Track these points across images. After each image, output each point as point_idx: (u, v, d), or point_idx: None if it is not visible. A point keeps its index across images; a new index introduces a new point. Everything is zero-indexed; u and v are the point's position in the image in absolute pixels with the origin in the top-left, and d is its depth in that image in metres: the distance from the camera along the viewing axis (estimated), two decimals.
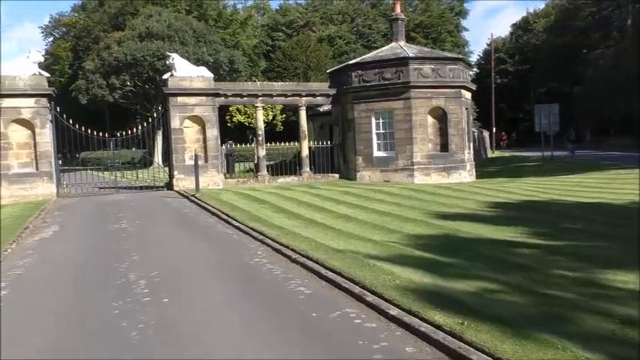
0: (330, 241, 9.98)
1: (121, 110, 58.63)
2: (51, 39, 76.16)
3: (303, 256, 8.75)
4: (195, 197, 18.56)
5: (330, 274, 7.53)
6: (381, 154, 24.99)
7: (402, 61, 24.27)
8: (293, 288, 7.34)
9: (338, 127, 26.75)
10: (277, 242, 9.97)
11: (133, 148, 51.44)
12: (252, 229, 11.52)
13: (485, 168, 34.38)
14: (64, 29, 74.13)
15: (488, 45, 76.34)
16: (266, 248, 9.92)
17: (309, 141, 26.51)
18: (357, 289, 6.73)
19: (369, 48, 63.34)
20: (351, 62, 26.52)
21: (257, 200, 17.35)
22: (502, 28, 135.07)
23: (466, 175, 25.25)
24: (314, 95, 25.87)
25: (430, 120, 24.58)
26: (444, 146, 24.75)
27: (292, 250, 9.26)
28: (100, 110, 60.76)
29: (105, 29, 58.99)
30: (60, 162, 29.88)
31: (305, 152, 25.81)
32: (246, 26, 73.24)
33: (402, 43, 26.81)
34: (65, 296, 7.52)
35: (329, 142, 26.78)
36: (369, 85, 24.73)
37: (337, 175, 26.13)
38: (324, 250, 9.11)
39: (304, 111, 26.04)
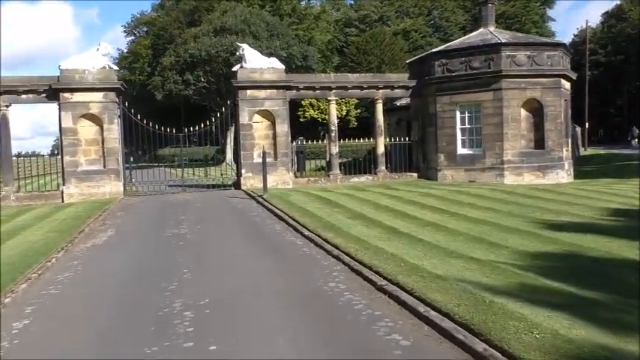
0: (423, 260, 8.00)
1: (197, 107, 58.77)
2: (132, 38, 77.94)
3: (392, 282, 6.82)
4: (263, 198, 17.05)
5: (433, 315, 5.56)
6: (466, 151, 22.56)
7: (493, 48, 21.72)
8: (383, 335, 5.41)
9: (417, 122, 24.53)
10: (357, 260, 8.09)
11: (207, 145, 51.50)
12: (325, 240, 9.71)
13: (580, 167, 30.94)
14: (144, 28, 75.56)
15: (576, 36, 71.02)
16: (343, 267, 8.05)
17: (384, 137, 24.42)
18: (480, 347, 4.72)
19: (445, 41, 60.17)
20: (434, 50, 24.22)
21: (329, 203, 15.58)
22: (592, 18, 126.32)
23: (564, 175, 22.35)
24: (392, 87, 23.78)
25: (524, 113, 21.89)
26: (539, 143, 21.96)
27: (376, 272, 7.35)
28: (176, 107, 61.33)
29: (180, 26, 59.39)
30: (131, 158, 29.59)
31: (381, 149, 23.79)
32: (320, 21, 71.96)
33: (492, 28, 24.17)
34: (90, 335, 5.93)
35: (407, 139, 24.59)
36: (454, 75, 22.36)
37: (415, 175, 23.93)
38: (418, 273, 7.15)
39: (381, 105, 24.01)
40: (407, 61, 26.90)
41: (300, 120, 51.65)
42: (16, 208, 18.75)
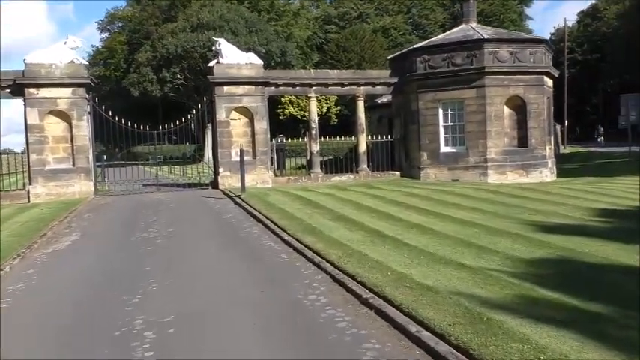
0: (411, 268, 7.41)
1: (175, 104, 57.62)
2: (107, 34, 76.15)
3: (378, 295, 6.20)
4: (241, 198, 16.34)
5: (426, 335, 4.93)
6: (450, 149, 22.10)
7: (476, 44, 21.28)
8: (371, 358, 4.80)
9: (399, 120, 24.02)
10: (339, 269, 7.46)
11: (186, 143, 50.41)
12: (305, 246, 9.06)
13: (562, 165, 30.77)
14: (119, 23, 73.86)
15: (552, 35, 71.41)
16: (324, 277, 7.41)
17: (366, 135, 23.85)
18: None
19: (425, 39, 59.83)
20: (416, 46, 23.71)
21: (310, 203, 14.94)
22: (568, 17, 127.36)
23: (547, 174, 22.05)
24: (373, 84, 23.21)
25: (507, 111, 21.51)
26: (522, 141, 21.61)
27: (361, 282, 6.73)
28: (154, 104, 60.06)
29: (157, 22, 58.16)
30: (104, 157, 28.62)
31: (362, 148, 23.22)
32: (299, 18, 71.23)
33: (474, 24, 23.75)
34: None
35: (389, 137, 24.06)
36: (437, 71, 21.88)
37: (398, 174, 23.42)
38: (406, 284, 6.55)
39: (362, 102, 23.43)
40: (388, 58, 26.39)
41: (280, 117, 50.87)
42: None
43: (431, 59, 22.05)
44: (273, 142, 25.29)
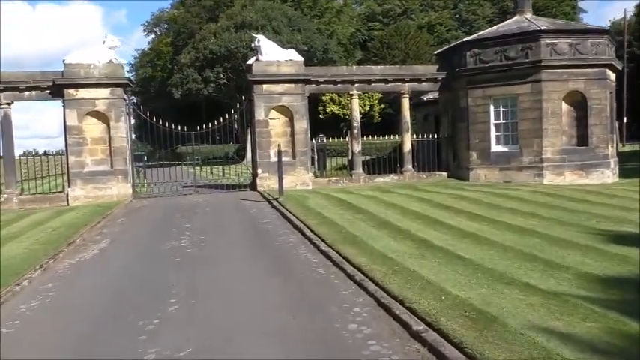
0: (469, 290, 6.35)
1: (219, 104, 57.66)
2: (153, 36, 77.08)
3: (432, 327, 5.18)
4: (278, 202, 15.53)
5: None
6: (501, 148, 20.69)
7: (531, 36, 19.79)
8: None
9: (446, 118, 22.74)
10: (384, 290, 6.46)
11: (230, 142, 50.14)
12: (345, 258, 8.09)
13: (622, 165, 28.71)
14: (165, 26, 74.55)
15: (609, 28, 67.88)
16: (367, 299, 6.41)
17: (411, 134, 22.67)
18: None
19: (471, 35, 57.85)
20: (465, 39, 22.34)
21: (352, 207, 13.97)
22: (623, 8, 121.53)
23: (609, 175, 20.34)
24: (419, 80, 22.01)
25: (565, 107, 19.92)
26: (582, 139, 19.96)
27: (410, 309, 5.71)
28: (198, 104, 60.24)
29: (201, 22, 58.25)
30: (145, 157, 28.44)
31: (407, 147, 22.07)
32: (342, 15, 70.22)
33: (529, 15, 22.19)
34: None
35: (435, 136, 22.80)
36: (488, 66, 20.50)
37: (445, 174, 22.14)
38: (466, 312, 5.51)
39: (407, 99, 22.26)
40: (435, 52, 25.08)
41: (321, 116, 49.97)
42: (17, 212, 17.59)
43: (482, 53, 20.69)
44: (314, 141, 24.42)
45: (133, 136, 44.22)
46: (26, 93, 18.93)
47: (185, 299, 6.82)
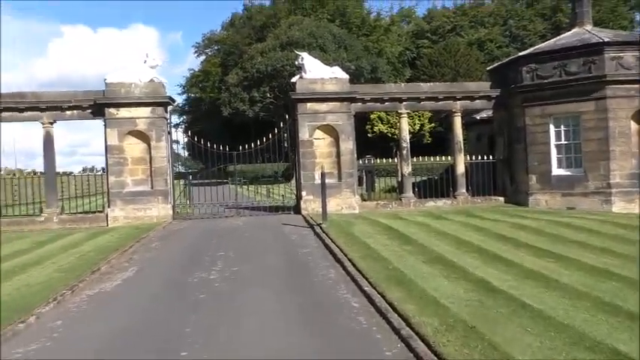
0: (542, 357, 5.14)
1: (266, 123, 57.66)
2: (203, 57, 78.29)
3: None
4: (321, 228, 14.55)
5: None
6: (563, 172, 19.10)
7: (594, 49, 18.26)
8: None
9: (502, 138, 21.29)
10: (436, 354, 5.30)
11: (280, 161, 49.65)
12: (390, 305, 6.95)
13: None
14: (215, 47, 75.62)
15: None
16: None
17: (464, 155, 21.31)
18: None
19: (522, 51, 55.75)
20: (521, 54, 20.93)
21: (400, 237, 12.83)
22: None
23: None
24: (471, 98, 20.72)
25: (634, 127, 18.23)
26: None
27: None
28: (246, 123, 60.36)
29: (250, 43, 58.56)
30: (190, 177, 28.10)
31: (460, 169, 20.73)
32: (390, 33, 69.39)
33: (589, 27, 20.62)
34: None
35: (490, 157, 21.35)
36: (546, 82, 19.08)
37: (502, 199, 20.64)
38: None
39: (459, 118, 21.00)
40: (488, 68, 23.68)
41: (369, 135, 48.91)
42: (56, 232, 17.28)
43: (539, 68, 19.27)
44: (361, 162, 23.38)
45: (186, 154, 44.53)
46: (68, 112, 18.79)
47: (198, 353, 5.85)
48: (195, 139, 21.11)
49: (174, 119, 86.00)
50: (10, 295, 8.37)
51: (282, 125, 21.19)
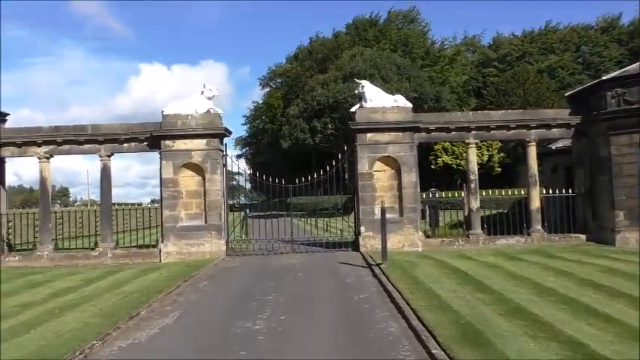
0: None
1: (327, 154, 57.11)
2: (267, 89, 79.30)
3: None
4: (381, 269, 13.26)
5: None
6: None
7: None
8: None
9: (582, 170, 19.34)
10: None
11: (340, 193, 48.64)
12: None
13: None
14: (278, 80, 76.50)
15: None
16: None
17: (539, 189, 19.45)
18: None
19: (597, 79, 52.61)
20: (605, 77, 19.06)
21: (471, 281, 11.35)
22: None
23: None
24: (548, 126, 18.99)
25: None
26: None
27: None
28: (307, 154, 60.02)
29: (313, 75, 58.61)
30: (247, 210, 27.58)
31: (535, 204, 18.90)
32: (455, 62, 67.81)
33: None
34: None
35: (568, 191, 19.38)
36: (635, 107, 17.19)
37: (583, 237, 18.58)
38: None
39: (534, 148, 19.27)
40: (567, 94, 21.76)
41: (432, 166, 47.16)
42: (108, 267, 16.86)
43: (626, 92, 17.42)
44: (424, 195, 21.91)
45: (248, 186, 44.43)
46: (125, 145, 18.59)
47: None
48: (257, 172, 20.51)
49: (237, 151, 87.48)
50: (35, 346, 7.61)
51: (340, 157, 20.15)
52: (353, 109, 19.31)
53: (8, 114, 20.30)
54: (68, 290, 12.38)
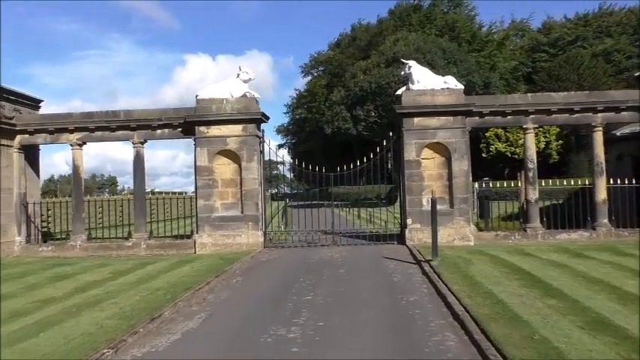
0: None
1: (370, 142, 55.62)
2: (309, 77, 77.99)
3: None
4: (431, 266, 11.94)
5: None
6: None
7: None
8: None
9: None
10: None
11: (384, 183, 47.16)
12: None
13: None
14: (321, 68, 75.08)
15: None
16: None
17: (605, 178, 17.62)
18: None
19: None
20: None
21: (536, 283, 9.92)
22: None
23: None
24: (617, 109, 17.12)
25: None
26: None
27: None
28: (349, 142, 58.76)
29: (354, 62, 57.09)
30: (287, 200, 26.62)
31: (602, 195, 17.13)
32: (503, 47, 64.95)
33: None
34: None
35: (637, 181, 17.48)
36: None
37: None
38: None
39: (600, 134, 17.44)
40: (638, 74, 19.73)
41: (483, 155, 45.01)
42: (141, 259, 16.12)
43: None
44: (476, 186, 20.35)
45: (291, 175, 43.54)
46: (158, 131, 17.78)
47: None
48: (297, 160, 19.47)
49: (279, 139, 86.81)
50: (38, 354, 6.70)
51: (385, 144, 18.79)
52: (399, 92, 17.91)
53: (42, 100, 19.80)
54: (94, 284, 11.60)
